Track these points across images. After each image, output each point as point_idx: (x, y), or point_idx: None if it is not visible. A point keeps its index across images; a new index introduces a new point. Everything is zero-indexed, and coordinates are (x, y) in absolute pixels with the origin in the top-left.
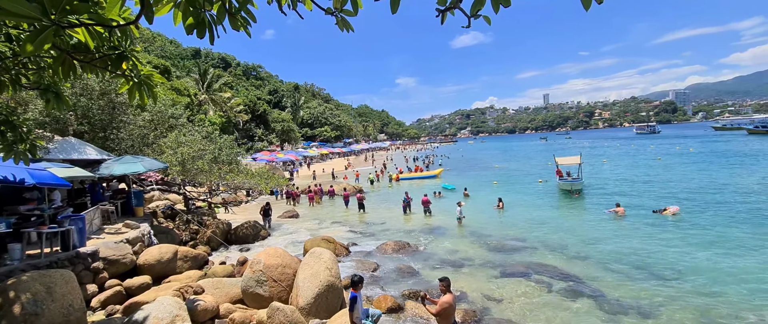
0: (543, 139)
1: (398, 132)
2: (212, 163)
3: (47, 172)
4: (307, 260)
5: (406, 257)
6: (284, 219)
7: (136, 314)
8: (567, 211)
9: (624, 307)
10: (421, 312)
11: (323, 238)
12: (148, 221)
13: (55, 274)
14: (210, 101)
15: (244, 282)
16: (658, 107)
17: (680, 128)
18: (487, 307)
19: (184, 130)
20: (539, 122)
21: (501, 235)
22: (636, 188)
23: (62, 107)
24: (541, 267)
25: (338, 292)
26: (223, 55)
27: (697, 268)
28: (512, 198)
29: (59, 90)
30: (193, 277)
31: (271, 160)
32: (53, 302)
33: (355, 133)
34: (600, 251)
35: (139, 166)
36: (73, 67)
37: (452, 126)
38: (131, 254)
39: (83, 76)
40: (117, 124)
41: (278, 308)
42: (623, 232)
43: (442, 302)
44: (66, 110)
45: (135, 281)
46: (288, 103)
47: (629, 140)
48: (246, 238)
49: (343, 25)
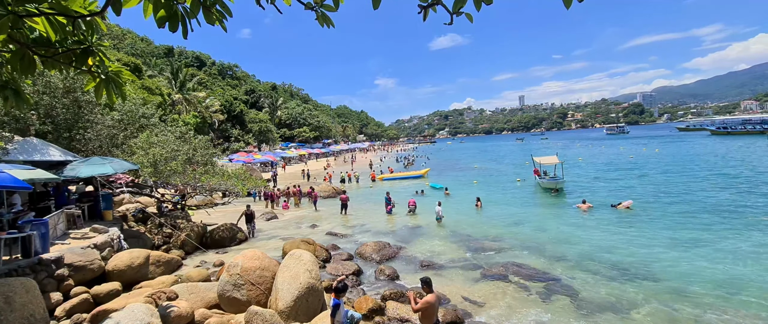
0: (520, 139)
1: (377, 133)
2: (186, 164)
3: (6, 174)
4: (287, 262)
5: (386, 259)
6: (262, 222)
7: (105, 323)
8: (543, 209)
9: (600, 306)
10: (402, 312)
11: (303, 240)
12: (118, 225)
13: (15, 283)
14: (184, 101)
15: (221, 286)
16: (627, 109)
17: (647, 129)
18: (468, 309)
19: (157, 130)
20: (515, 123)
21: (480, 234)
22: (604, 185)
23: (22, 105)
24: (519, 267)
25: (319, 295)
26: (197, 53)
27: (666, 265)
28: (491, 197)
29: (19, 87)
30: (167, 282)
31: (249, 161)
32: (12, 312)
33: (335, 134)
34: (575, 250)
35: (108, 167)
36: (33, 62)
37: (431, 127)
38: (99, 260)
39: (46, 73)
40: (83, 124)
41: (257, 312)
42: (597, 230)
43: (424, 301)
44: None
45: (103, 288)
46: (265, 104)
47: (600, 141)
48: (222, 242)
49: (324, 20)
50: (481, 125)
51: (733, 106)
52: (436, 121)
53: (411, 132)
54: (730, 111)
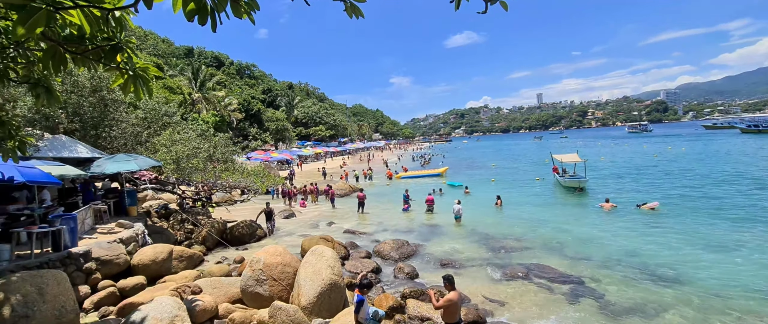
0: (538, 138)
1: (393, 131)
2: (207, 161)
3: (38, 170)
4: (309, 258)
5: (405, 257)
6: (280, 219)
7: (134, 315)
8: (564, 208)
9: (627, 309)
10: (423, 311)
11: (321, 237)
12: (142, 221)
13: (47, 275)
14: (203, 100)
15: (244, 281)
16: (650, 107)
17: (671, 127)
18: (489, 309)
19: (179, 128)
20: (533, 122)
21: (501, 234)
22: (628, 185)
23: (53, 103)
24: (541, 268)
25: (341, 291)
26: (216, 53)
27: (695, 269)
28: (510, 196)
29: (50, 85)
30: (189, 277)
31: (266, 160)
32: (45, 304)
33: (350, 133)
34: (600, 251)
35: (133, 164)
36: (64, 59)
37: (447, 125)
38: (125, 254)
39: (74, 72)
40: (109, 122)
41: (280, 308)
42: (622, 231)
43: (446, 299)
44: (57, 106)
45: (129, 282)
46: (282, 103)
47: (622, 139)
48: (242, 238)
49: (353, 11)
50: (498, 124)
51: (762, 104)
52: (451, 120)
53: (426, 131)
54: (760, 108)
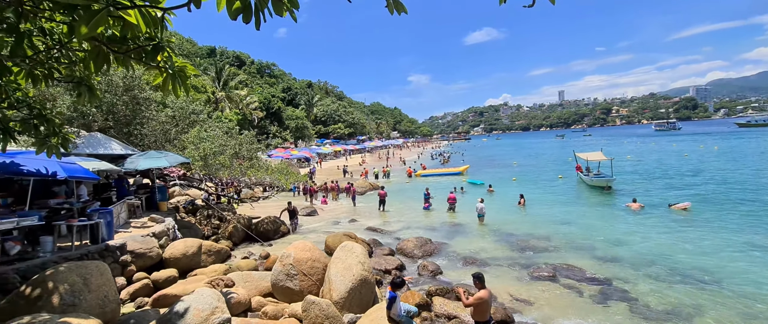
0: (560, 136)
1: (411, 129)
2: (233, 158)
3: (77, 166)
4: (339, 254)
5: (428, 255)
6: (302, 217)
7: (177, 306)
8: (590, 208)
9: (661, 313)
10: (449, 309)
11: (345, 234)
12: (172, 216)
13: (91, 266)
14: (226, 99)
15: (274, 275)
16: (678, 104)
17: (702, 125)
18: (517, 308)
19: (205, 126)
20: (554, 119)
21: (525, 233)
22: (659, 184)
23: (94, 101)
24: (569, 268)
25: (371, 287)
26: (237, 53)
27: (733, 272)
28: (534, 195)
29: (92, 84)
30: (219, 270)
31: (286, 157)
32: (90, 293)
33: (368, 131)
34: (630, 252)
35: (163, 161)
36: (108, 59)
37: (465, 123)
38: (157, 248)
39: (107, 72)
40: (140, 120)
41: (313, 302)
42: (652, 232)
43: (477, 297)
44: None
45: (162, 274)
46: (302, 101)
47: (649, 137)
48: (267, 234)
49: (395, 6)
50: (518, 122)
51: None
52: (470, 118)
53: (445, 129)
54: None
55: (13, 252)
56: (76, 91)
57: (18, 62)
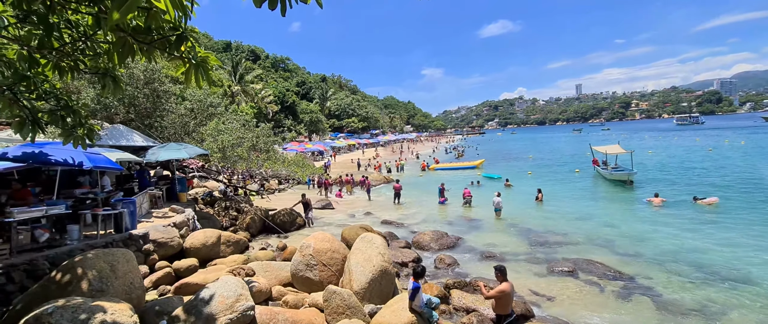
0: (577, 130)
1: (425, 123)
2: (250, 150)
3: (102, 156)
4: (359, 245)
5: (445, 248)
6: (317, 209)
7: (203, 293)
8: (609, 203)
9: (686, 310)
10: (467, 302)
11: (361, 227)
12: (192, 207)
13: (118, 253)
14: (242, 92)
15: (294, 265)
16: (701, 97)
17: (726, 119)
18: (537, 302)
19: (223, 118)
20: (571, 113)
21: (543, 228)
22: (683, 179)
23: (118, 92)
24: (590, 264)
25: (391, 278)
26: (252, 47)
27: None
28: (551, 189)
29: (117, 75)
30: (238, 260)
31: (301, 151)
32: (117, 279)
33: (382, 125)
34: (653, 249)
35: (183, 152)
36: (133, 50)
37: (479, 117)
38: (178, 237)
39: (129, 65)
40: (160, 113)
41: (335, 291)
42: (675, 228)
43: (499, 290)
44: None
45: (183, 263)
46: (316, 95)
47: (671, 132)
48: (283, 226)
49: None
50: (533, 116)
51: None
52: (485, 112)
53: (458, 123)
54: None
55: (43, 239)
56: (101, 82)
57: (45, 54)
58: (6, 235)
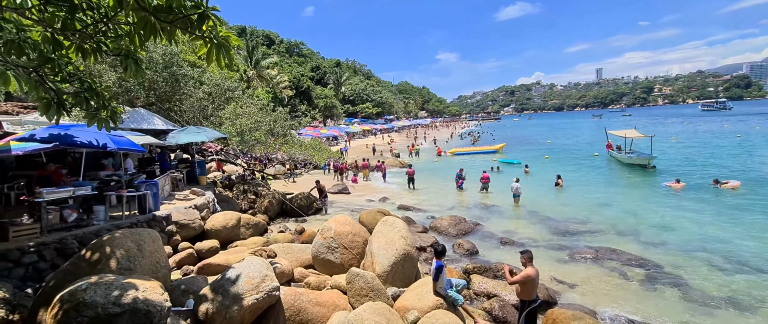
0: (597, 116)
1: (439, 109)
2: (268, 134)
3: (126, 139)
4: (381, 228)
5: (463, 233)
6: (333, 194)
7: (229, 272)
8: (629, 188)
9: (718, 300)
10: (488, 287)
11: (378, 211)
12: (211, 190)
13: (144, 233)
14: (257, 77)
15: (315, 248)
16: (729, 82)
17: (756, 105)
18: (559, 290)
19: (241, 102)
20: (590, 99)
21: (563, 215)
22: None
23: (141, 74)
24: (612, 251)
25: (414, 262)
26: (267, 32)
27: None
28: (570, 175)
29: (139, 57)
30: (258, 243)
31: (316, 136)
32: (143, 258)
33: (396, 110)
34: (678, 236)
35: (203, 136)
36: (155, 29)
37: (495, 103)
38: (199, 219)
39: (148, 48)
40: (179, 97)
41: (358, 274)
42: (700, 214)
43: (525, 274)
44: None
45: (205, 245)
46: (330, 80)
47: (696, 118)
48: (301, 209)
49: None
50: (551, 101)
51: None
52: (500, 97)
53: (474, 108)
54: None
55: (71, 219)
56: (123, 64)
57: (69, 36)
58: (36, 214)
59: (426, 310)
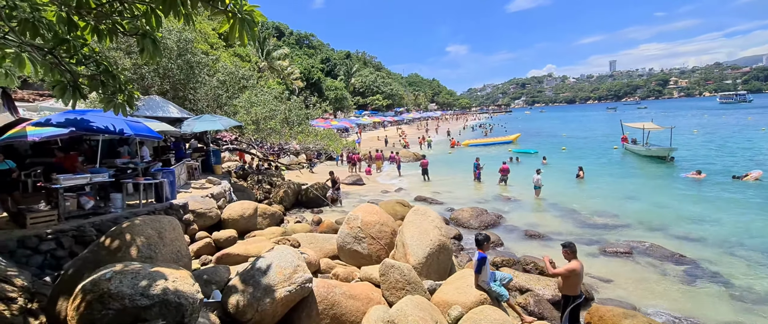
0: (611, 109)
1: (449, 102)
2: (284, 123)
3: (143, 125)
4: (412, 218)
5: (485, 226)
6: (347, 185)
7: (259, 262)
8: (649, 180)
9: (762, 295)
10: (520, 281)
11: (398, 202)
12: (227, 179)
13: (164, 220)
14: (269, 69)
15: (341, 238)
16: (748, 74)
17: None
18: (594, 285)
19: (256, 91)
20: (603, 92)
21: (587, 208)
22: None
23: (158, 55)
24: (645, 246)
25: (449, 254)
26: (277, 23)
27: None
28: (588, 167)
29: (156, 37)
30: (276, 233)
31: (327, 127)
32: (164, 246)
33: (407, 103)
34: (711, 230)
35: (218, 124)
36: (175, 4)
37: (506, 96)
38: (216, 208)
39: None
40: (193, 85)
41: (393, 265)
42: (729, 208)
43: (569, 268)
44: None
45: (222, 234)
46: (340, 72)
47: (716, 110)
48: (317, 200)
49: None
50: (563, 94)
51: None
52: (511, 90)
53: (484, 101)
54: None
55: (88, 206)
56: (140, 45)
57: (84, 15)
58: (54, 201)
59: (470, 305)
